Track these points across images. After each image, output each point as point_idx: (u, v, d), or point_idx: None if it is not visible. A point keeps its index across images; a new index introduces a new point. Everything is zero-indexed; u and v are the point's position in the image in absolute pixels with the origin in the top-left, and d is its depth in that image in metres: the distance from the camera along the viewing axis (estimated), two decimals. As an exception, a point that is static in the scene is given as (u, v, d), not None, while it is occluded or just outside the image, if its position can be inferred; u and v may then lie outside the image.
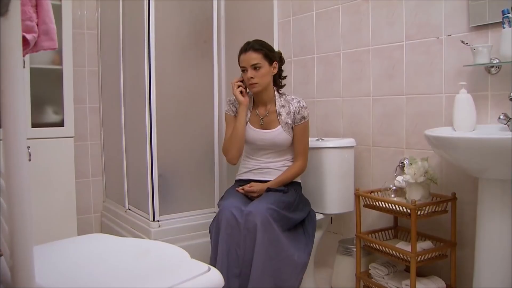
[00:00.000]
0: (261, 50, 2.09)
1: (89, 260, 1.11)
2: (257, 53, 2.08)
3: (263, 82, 2.10)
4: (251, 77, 2.07)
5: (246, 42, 2.13)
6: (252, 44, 2.10)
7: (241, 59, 2.11)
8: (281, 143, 2.15)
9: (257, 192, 2.07)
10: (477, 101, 1.85)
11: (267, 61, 2.10)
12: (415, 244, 1.84)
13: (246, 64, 2.08)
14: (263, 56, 2.08)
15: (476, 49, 1.79)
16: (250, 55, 2.08)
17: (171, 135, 2.59)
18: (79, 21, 3.00)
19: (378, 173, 2.32)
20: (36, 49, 0.87)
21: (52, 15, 0.87)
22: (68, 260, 1.11)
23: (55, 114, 2.65)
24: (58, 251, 1.18)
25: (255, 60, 2.07)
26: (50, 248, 1.20)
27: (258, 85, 2.10)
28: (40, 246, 1.20)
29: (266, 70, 2.09)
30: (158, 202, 2.47)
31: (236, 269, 1.87)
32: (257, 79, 2.08)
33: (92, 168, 3.12)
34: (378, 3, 2.26)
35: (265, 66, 2.09)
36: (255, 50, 2.08)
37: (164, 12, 2.52)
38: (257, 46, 2.10)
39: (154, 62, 2.43)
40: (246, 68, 2.09)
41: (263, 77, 2.09)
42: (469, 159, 1.60)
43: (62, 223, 2.59)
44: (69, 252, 1.18)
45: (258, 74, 2.08)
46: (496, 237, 1.65)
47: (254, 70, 2.07)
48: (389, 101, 2.25)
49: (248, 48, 2.09)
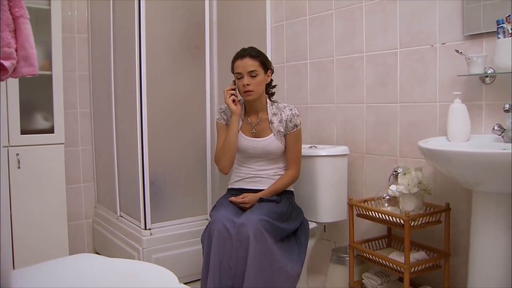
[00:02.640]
0: (258, 58, 2.06)
1: (77, 284, 1.08)
2: (254, 60, 2.04)
3: (258, 90, 2.07)
4: (247, 84, 2.04)
5: (242, 49, 2.10)
6: (249, 51, 2.07)
7: (237, 65, 2.06)
8: (273, 151, 2.13)
9: (249, 203, 2.05)
10: (471, 111, 1.83)
11: (263, 69, 2.07)
12: (408, 255, 1.82)
13: (242, 70, 2.04)
14: (259, 63, 2.05)
15: (470, 59, 1.77)
16: (247, 61, 2.04)
17: (163, 141, 2.56)
18: (69, 25, 2.95)
19: (371, 181, 2.30)
20: (15, 75, 0.84)
21: (32, 39, 0.83)
22: (56, 284, 1.08)
23: (45, 120, 2.61)
24: (45, 274, 1.15)
25: (252, 67, 2.03)
26: (38, 270, 1.17)
27: (253, 93, 2.06)
28: (26, 268, 1.17)
29: (261, 78, 2.07)
30: (150, 210, 2.45)
31: (228, 281, 1.85)
32: (253, 86, 2.04)
33: (83, 174, 3.08)
34: (372, 10, 2.23)
35: (261, 74, 2.06)
36: (252, 57, 2.04)
37: (155, 16, 2.48)
38: (254, 53, 2.06)
39: (145, 67, 2.40)
40: (242, 75, 2.05)
41: (259, 85, 2.06)
42: (463, 172, 1.59)
43: (53, 229, 2.56)
44: (57, 275, 1.15)
45: (254, 81, 2.04)
46: (490, 249, 1.64)
47: (250, 77, 2.04)
48: (382, 108, 2.23)
49: (245, 55, 2.05)
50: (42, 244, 2.52)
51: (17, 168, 2.45)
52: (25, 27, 0.82)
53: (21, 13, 0.81)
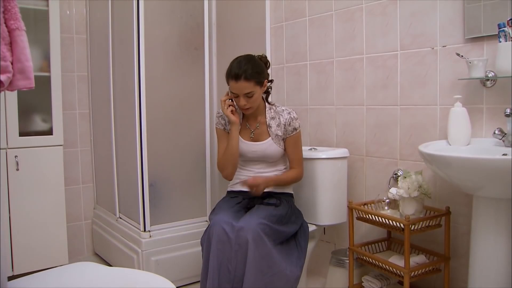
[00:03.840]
0: (253, 78, 1.99)
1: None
2: (249, 82, 1.98)
3: (256, 105, 2.07)
4: (244, 104, 2.03)
5: (236, 66, 2.00)
6: (243, 72, 1.97)
7: (232, 86, 2.01)
8: (271, 154, 2.12)
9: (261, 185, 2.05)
10: (471, 114, 1.82)
11: (259, 85, 2.03)
12: (408, 259, 1.82)
13: (238, 92, 2.01)
14: (255, 83, 2.00)
15: (471, 63, 1.76)
16: (242, 84, 1.98)
17: (162, 143, 2.54)
18: (67, 25, 2.93)
19: (371, 183, 2.29)
20: (11, 88, 0.83)
21: (28, 52, 0.82)
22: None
23: (44, 122, 2.60)
24: (45, 284, 1.15)
25: (248, 89, 1.99)
26: (37, 280, 1.16)
27: (251, 109, 2.07)
28: (26, 278, 1.16)
29: (258, 94, 2.05)
30: (149, 212, 2.44)
31: (227, 285, 1.85)
32: (250, 104, 2.04)
33: (82, 175, 3.07)
34: (372, 11, 2.22)
35: (257, 92, 2.03)
36: (247, 79, 1.98)
37: (154, 17, 2.46)
38: (249, 74, 1.98)
39: (144, 68, 2.39)
40: (238, 95, 2.02)
41: (256, 101, 2.06)
42: (463, 177, 1.58)
43: (52, 230, 2.56)
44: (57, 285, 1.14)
45: (251, 100, 2.02)
46: (491, 254, 1.63)
47: (247, 97, 2.02)
48: (383, 111, 2.22)
49: (240, 77, 1.97)
50: (41, 246, 2.51)
51: (15, 170, 2.44)
52: (21, 40, 0.81)
53: (17, 26, 0.80)
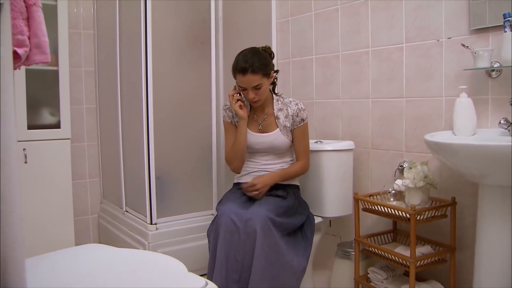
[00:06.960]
0: (260, 71, 2.01)
1: (84, 273, 1.09)
2: (257, 74, 2.00)
3: (264, 96, 2.09)
4: (253, 97, 2.05)
5: (242, 60, 2.01)
6: (250, 66, 1.99)
7: (240, 80, 2.03)
8: (279, 146, 2.13)
9: (261, 188, 2.05)
10: (477, 105, 1.83)
11: (266, 78, 2.05)
12: (414, 249, 1.83)
13: (246, 85, 2.03)
14: (262, 75, 2.02)
15: (477, 53, 1.77)
16: (250, 77, 2.00)
17: (168, 136, 2.56)
18: (75, 21, 2.96)
19: (377, 175, 2.30)
20: (28, 63, 0.85)
21: (44, 27, 0.84)
22: (63, 274, 1.09)
23: (52, 115, 2.62)
24: (53, 264, 1.16)
25: (256, 82, 2.01)
26: (45, 260, 1.18)
27: (260, 101, 2.09)
28: (34, 258, 1.18)
29: (266, 86, 2.06)
30: (156, 205, 2.45)
31: (235, 275, 1.86)
32: (259, 96, 2.06)
33: (89, 169, 3.09)
34: (377, 5, 2.24)
35: (265, 83, 2.05)
36: (254, 72, 1.99)
37: (161, 13, 2.48)
38: (256, 67, 1.99)
39: (151, 63, 2.40)
40: (246, 88, 2.04)
41: (264, 92, 2.07)
42: (469, 166, 1.59)
43: (59, 224, 2.58)
44: (64, 265, 1.16)
45: (259, 92, 2.04)
46: (496, 243, 1.64)
47: (255, 90, 2.04)
48: (388, 103, 2.23)
49: (247, 70, 1.99)
50: (48, 239, 2.53)
51: (23, 163, 2.46)
52: (38, 15, 0.83)
53: (34, 1, 0.82)
